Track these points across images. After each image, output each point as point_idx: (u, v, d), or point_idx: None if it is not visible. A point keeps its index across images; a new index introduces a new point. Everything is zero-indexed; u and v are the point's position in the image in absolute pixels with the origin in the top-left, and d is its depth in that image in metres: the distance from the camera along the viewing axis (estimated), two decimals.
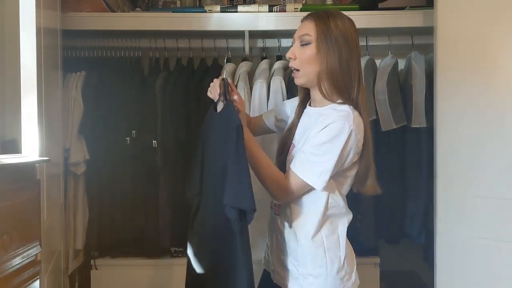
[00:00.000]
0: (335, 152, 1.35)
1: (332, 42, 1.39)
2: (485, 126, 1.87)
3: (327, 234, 1.43)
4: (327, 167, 1.35)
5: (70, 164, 2.18)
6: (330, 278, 1.40)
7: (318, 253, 1.41)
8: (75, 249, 2.23)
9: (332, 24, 1.40)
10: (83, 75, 2.24)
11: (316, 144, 1.37)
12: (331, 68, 1.39)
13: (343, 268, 1.42)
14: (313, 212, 1.42)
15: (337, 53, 1.39)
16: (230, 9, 2.26)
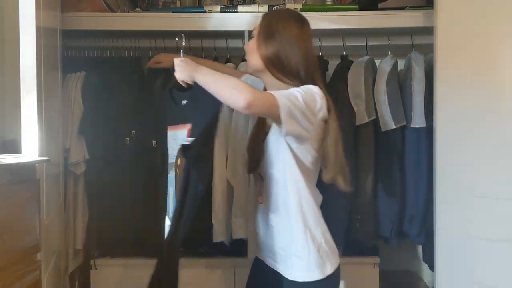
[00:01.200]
0: (302, 95, 1.43)
1: (271, 35, 1.55)
2: (485, 126, 1.87)
3: (305, 215, 1.53)
4: (297, 104, 1.41)
5: (70, 164, 2.18)
6: (312, 256, 1.51)
7: (299, 234, 1.52)
8: (75, 249, 2.23)
9: (274, 20, 1.58)
10: (83, 75, 2.24)
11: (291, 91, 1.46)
12: (271, 57, 1.54)
13: (322, 247, 1.53)
14: (293, 195, 1.53)
15: (275, 45, 1.53)
16: (230, 9, 2.26)
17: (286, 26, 1.56)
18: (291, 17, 1.59)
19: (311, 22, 2.13)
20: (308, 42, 1.58)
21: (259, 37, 1.57)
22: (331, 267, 1.52)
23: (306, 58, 1.54)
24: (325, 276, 1.51)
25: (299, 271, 1.53)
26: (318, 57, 2.34)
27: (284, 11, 1.67)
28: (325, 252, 1.52)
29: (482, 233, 1.88)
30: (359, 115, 2.14)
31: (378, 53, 2.35)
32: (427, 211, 2.13)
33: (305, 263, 1.52)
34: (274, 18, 1.60)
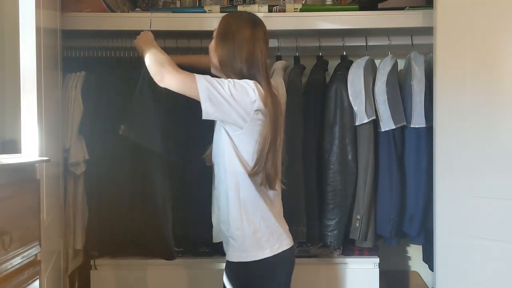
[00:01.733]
0: (230, 85, 1.59)
1: (223, 36, 1.69)
2: (485, 126, 1.87)
3: (244, 199, 1.64)
4: (220, 90, 1.58)
5: (69, 164, 2.18)
6: (246, 239, 1.64)
7: (235, 218, 1.65)
8: (74, 249, 2.23)
9: (229, 21, 1.71)
10: (82, 75, 2.24)
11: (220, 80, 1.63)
12: (225, 60, 1.68)
13: (260, 231, 1.63)
14: (231, 180, 1.65)
15: (225, 49, 1.67)
16: (230, 9, 2.25)
17: (239, 29, 1.68)
18: (245, 20, 1.71)
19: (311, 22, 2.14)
20: (256, 44, 1.67)
21: (216, 38, 1.72)
22: (271, 251, 1.63)
23: (251, 58, 1.66)
24: (260, 259, 1.62)
25: (234, 251, 1.67)
26: (318, 57, 2.35)
27: (241, 13, 1.77)
28: (263, 236, 1.64)
29: (482, 233, 1.88)
30: (359, 115, 2.14)
31: (378, 53, 2.35)
32: (427, 211, 2.13)
33: (239, 244, 1.65)
34: (230, 19, 1.73)
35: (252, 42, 1.67)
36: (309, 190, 2.15)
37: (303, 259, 2.26)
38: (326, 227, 2.17)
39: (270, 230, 1.65)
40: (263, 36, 1.70)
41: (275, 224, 1.67)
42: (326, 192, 2.16)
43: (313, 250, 2.29)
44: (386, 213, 2.17)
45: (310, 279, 2.27)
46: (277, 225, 1.68)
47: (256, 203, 1.66)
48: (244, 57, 1.66)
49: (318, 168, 2.18)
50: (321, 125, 2.18)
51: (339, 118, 2.15)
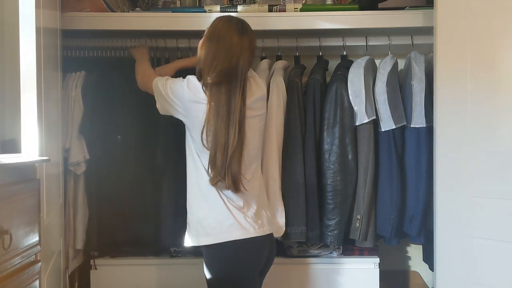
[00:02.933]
0: (170, 83, 1.81)
1: (209, 36, 1.75)
2: (485, 126, 1.87)
3: (189, 192, 1.82)
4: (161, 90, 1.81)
5: (70, 164, 2.18)
6: (190, 226, 1.81)
7: (190, 204, 1.82)
8: (74, 249, 2.23)
9: (217, 22, 1.77)
10: (82, 75, 2.24)
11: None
12: (203, 56, 1.75)
13: (197, 221, 1.76)
14: (187, 175, 1.84)
15: (208, 50, 1.73)
16: (230, 9, 2.25)
17: (226, 34, 1.72)
18: (233, 26, 1.74)
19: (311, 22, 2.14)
20: (241, 52, 1.71)
21: (203, 37, 1.78)
22: (206, 240, 1.74)
23: (229, 65, 1.69)
24: (200, 245, 1.76)
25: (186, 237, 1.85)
26: (318, 57, 2.35)
27: (232, 19, 1.79)
28: (199, 226, 1.76)
29: (482, 233, 1.88)
30: (359, 115, 2.14)
31: (378, 53, 2.35)
32: (427, 211, 2.13)
33: (187, 231, 1.83)
34: (220, 23, 1.76)
35: (235, 50, 1.70)
36: (309, 190, 2.15)
37: (303, 259, 2.26)
38: (326, 227, 2.16)
39: (203, 223, 1.74)
40: (248, 45, 1.73)
41: (209, 217, 1.74)
42: (326, 192, 2.16)
43: (313, 250, 2.29)
44: (386, 213, 2.17)
45: (310, 279, 2.27)
46: (211, 218, 1.74)
47: (197, 196, 1.78)
48: (223, 63, 1.69)
49: (318, 168, 2.18)
50: (321, 125, 2.18)
51: (339, 118, 2.15)
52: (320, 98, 2.18)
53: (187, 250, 2.30)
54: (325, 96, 2.19)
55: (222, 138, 1.67)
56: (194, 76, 1.77)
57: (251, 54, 1.76)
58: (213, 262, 1.75)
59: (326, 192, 2.16)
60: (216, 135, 1.68)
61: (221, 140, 1.67)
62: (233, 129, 1.67)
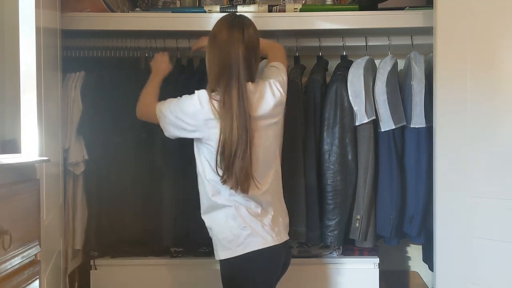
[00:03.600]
0: (177, 103, 1.73)
1: (209, 37, 1.74)
2: (484, 126, 1.87)
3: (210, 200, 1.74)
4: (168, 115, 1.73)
5: (68, 164, 2.17)
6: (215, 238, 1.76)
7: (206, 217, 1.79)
8: (74, 249, 2.23)
9: (214, 26, 1.75)
10: (82, 75, 2.24)
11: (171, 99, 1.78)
12: (207, 58, 1.74)
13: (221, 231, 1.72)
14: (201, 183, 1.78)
15: (209, 50, 1.73)
16: (230, 9, 2.25)
17: (218, 31, 1.71)
18: (224, 22, 1.72)
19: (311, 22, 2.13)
20: (231, 47, 1.66)
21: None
22: (224, 255, 1.71)
23: (222, 62, 1.67)
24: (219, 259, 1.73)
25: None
26: (318, 57, 2.35)
27: (226, 16, 1.76)
28: (216, 240, 1.74)
29: (482, 233, 1.88)
30: (359, 115, 2.14)
31: (378, 53, 2.35)
32: (427, 211, 2.13)
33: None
34: (217, 22, 1.75)
35: (226, 45, 1.67)
36: (309, 191, 2.15)
37: (303, 259, 2.26)
38: (326, 227, 2.16)
39: (221, 236, 1.72)
40: (240, 38, 1.66)
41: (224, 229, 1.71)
42: (326, 192, 2.16)
43: (313, 250, 2.29)
44: (386, 213, 2.17)
45: (310, 279, 2.27)
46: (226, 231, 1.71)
47: (210, 207, 1.75)
48: (217, 60, 1.69)
49: (318, 168, 2.18)
50: (321, 125, 2.18)
51: (339, 118, 2.15)
52: (320, 98, 2.18)
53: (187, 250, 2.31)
54: (325, 96, 2.19)
55: (226, 137, 1.63)
56: (204, 91, 1.71)
57: (245, 49, 1.66)
58: (231, 274, 1.72)
59: (326, 192, 2.16)
60: (221, 132, 1.64)
61: (225, 138, 1.63)
62: (235, 128, 1.63)
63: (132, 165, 2.23)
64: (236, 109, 1.63)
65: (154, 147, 2.20)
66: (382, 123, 2.15)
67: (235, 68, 1.65)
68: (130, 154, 2.22)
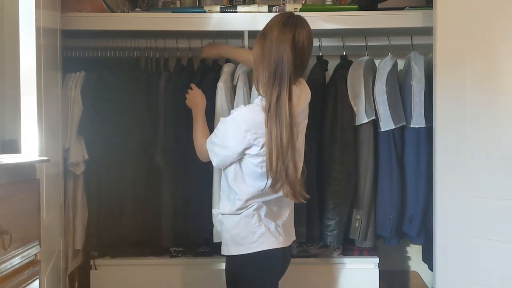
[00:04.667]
0: (224, 139, 1.65)
1: (259, 38, 1.64)
2: (484, 126, 1.87)
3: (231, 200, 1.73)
4: (217, 151, 1.69)
5: (69, 164, 2.17)
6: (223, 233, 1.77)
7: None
8: (74, 249, 2.23)
9: (267, 23, 1.65)
10: (82, 75, 2.24)
11: (218, 127, 1.70)
12: (254, 59, 1.65)
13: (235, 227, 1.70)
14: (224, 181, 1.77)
15: (258, 49, 1.62)
16: (230, 9, 2.26)
17: (271, 29, 1.61)
18: (277, 20, 1.62)
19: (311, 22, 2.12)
20: (280, 46, 1.57)
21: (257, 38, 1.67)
22: (236, 250, 1.70)
23: (273, 61, 1.58)
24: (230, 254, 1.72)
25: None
26: (318, 57, 2.35)
27: (282, 14, 1.68)
28: (228, 235, 1.73)
29: (482, 233, 1.88)
30: (359, 115, 2.14)
31: (378, 53, 2.35)
32: (427, 211, 2.13)
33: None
34: (271, 19, 1.65)
35: (277, 45, 1.57)
36: (310, 190, 2.14)
37: (302, 259, 2.26)
38: (326, 227, 2.17)
39: (232, 233, 1.71)
40: (291, 39, 1.57)
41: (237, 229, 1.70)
42: (326, 192, 2.16)
43: (313, 250, 2.29)
44: (386, 213, 2.17)
45: (310, 279, 2.27)
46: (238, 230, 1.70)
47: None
48: (268, 59, 1.59)
49: (318, 168, 2.18)
50: (321, 125, 2.18)
51: (339, 118, 2.15)
52: (320, 98, 2.18)
53: (187, 250, 2.31)
54: (325, 96, 2.19)
55: (277, 143, 1.57)
56: (242, 108, 1.66)
57: (294, 50, 1.57)
58: (240, 271, 1.71)
59: (326, 192, 2.16)
60: (271, 139, 1.57)
61: (277, 144, 1.57)
62: (285, 133, 1.56)
63: (132, 165, 2.23)
64: (285, 113, 1.56)
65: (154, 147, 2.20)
66: (382, 123, 2.15)
67: (285, 69, 1.57)
68: (130, 154, 2.22)
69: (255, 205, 1.68)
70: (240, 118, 1.62)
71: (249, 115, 1.62)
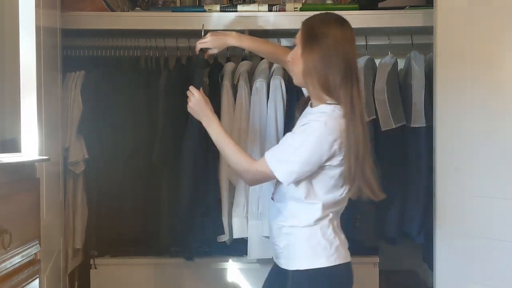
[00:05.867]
0: (304, 154, 1.43)
1: (312, 42, 1.47)
2: (484, 126, 1.87)
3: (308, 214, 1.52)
4: (294, 168, 1.45)
5: (69, 163, 2.18)
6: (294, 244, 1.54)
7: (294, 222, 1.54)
8: (74, 248, 2.23)
9: (315, 25, 1.49)
10: (82, 74, 2.24)
11: (289, 142, 1.47)
12: (311, 67, 1.46)
13: (314, 236, 1.52)
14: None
15: (317, 53, 1.45)
16: (230, 9, 2.26)
17: (328, 29, 1.47)
18: (331, 19, 1.51)
19: None
20: (347, 45, 1.47)
21: (302, 44, 1.49)
22: (317, 263, 1.52)
23: (342, 64, 1.45)
24: (308, 268, 1.53)
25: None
26: None
27: (325, 14, 1.54)
28: (305, 246, 1.53)
29: (482, 233, 1.88)
30: None
31: (378, 52, 2.35)
32: (427, 210, 2.13)
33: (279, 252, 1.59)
34: (314, 21, 1.51)
35: (342, 44, 1.46)
36: None
37: None
38: None
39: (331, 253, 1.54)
40: (352, 36, 1.49)
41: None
42: None
43: None
44: (386, 213, 2.17)
45: None
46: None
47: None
48: (336, 61, 1.45)
49: None
50: None
51: None
52: None
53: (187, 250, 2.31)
54: None
55: (354, 144, 1.44)
56: (322, 118, 1.44)
57: (355, 48, 1.51)
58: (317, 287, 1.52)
59: None
60: (350, 142, 1.44)
61: (354, 146, 1.44)
62: (361, 132, 1.45)
63: (132, 164, 2.23)
64: (359, 112, 1.45)
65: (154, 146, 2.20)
66: (382, 123, 2.15)
67: (354, 68, 1.48)
68: (130, 153, 2.22)
69: (331, 215, 1.53)
70: (327, 129, 1.43)
71: (334, 125, 1.44)
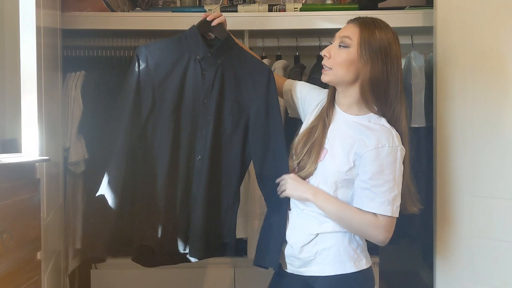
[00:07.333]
0: (397, 178, 1.47)
1: (376, 52, 1.46)
2: (485, 126, 1.87)
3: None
4: (394, 194, 1.48)
5: (69, 163, 2.17)
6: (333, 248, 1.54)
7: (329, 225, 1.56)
8: (74, 249, 2.23)
9: (377, 34, 1.48)
10: (82, 74, 2.24)
11: (376, 175, 1.45)
12: (374, 78, 1.46)
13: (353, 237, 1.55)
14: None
15: (380, 64, 1.46)
16: (230, 9, 2.26)
17: (391, 44, 1.49)
18: (392, 33, 1.52)
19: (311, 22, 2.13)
20: (399, 62, 1.52)
21: (363, 51, 1.47)
22: (363, 264, 1.56)
23: (398, 80, 1.49)
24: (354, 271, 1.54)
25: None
26: (318, 56, 2.35)
27: (385, 25, 1.52)
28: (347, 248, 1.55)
29: (482, 233, 1.89)
30: None
31: None
32: (427, 210, 2.13)
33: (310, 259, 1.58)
34: (376, 30, 1.49)
35: (400, 56, 1.51)
36: None
37: None
38: None
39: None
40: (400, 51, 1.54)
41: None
42: None
43: None
44: None
45: None
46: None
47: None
48: (396, 75, 1.49)
49: None
50: None
51: None
52: None
53: None
54: None
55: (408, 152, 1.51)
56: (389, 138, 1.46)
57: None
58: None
59: None
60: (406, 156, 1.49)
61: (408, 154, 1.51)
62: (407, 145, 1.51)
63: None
64: (405, 126, 1.51)
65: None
66: None
67: (401, 82, 1.51)
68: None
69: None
70: (398, 151, 1.47)
71: (399, 142, 1.48)
